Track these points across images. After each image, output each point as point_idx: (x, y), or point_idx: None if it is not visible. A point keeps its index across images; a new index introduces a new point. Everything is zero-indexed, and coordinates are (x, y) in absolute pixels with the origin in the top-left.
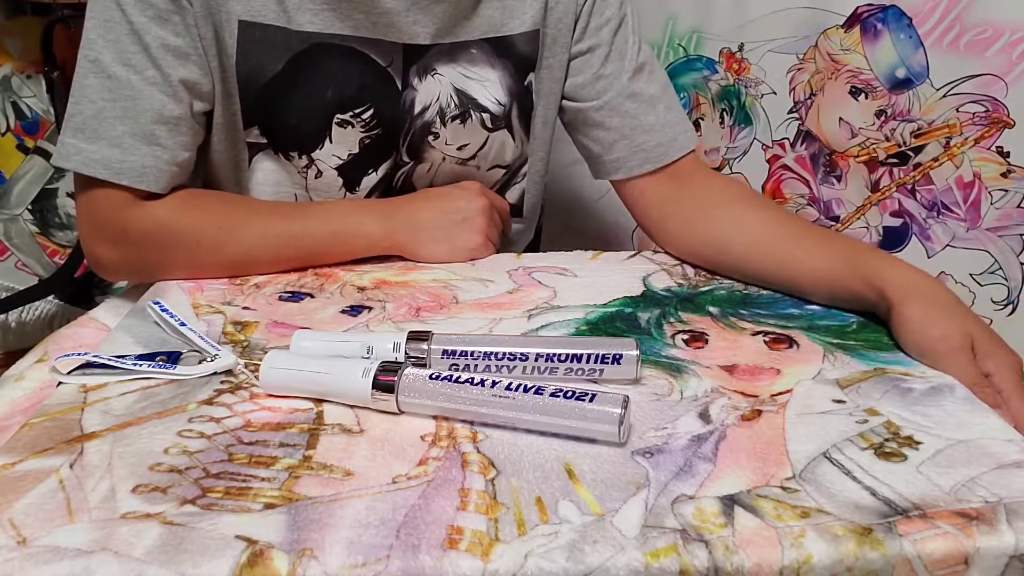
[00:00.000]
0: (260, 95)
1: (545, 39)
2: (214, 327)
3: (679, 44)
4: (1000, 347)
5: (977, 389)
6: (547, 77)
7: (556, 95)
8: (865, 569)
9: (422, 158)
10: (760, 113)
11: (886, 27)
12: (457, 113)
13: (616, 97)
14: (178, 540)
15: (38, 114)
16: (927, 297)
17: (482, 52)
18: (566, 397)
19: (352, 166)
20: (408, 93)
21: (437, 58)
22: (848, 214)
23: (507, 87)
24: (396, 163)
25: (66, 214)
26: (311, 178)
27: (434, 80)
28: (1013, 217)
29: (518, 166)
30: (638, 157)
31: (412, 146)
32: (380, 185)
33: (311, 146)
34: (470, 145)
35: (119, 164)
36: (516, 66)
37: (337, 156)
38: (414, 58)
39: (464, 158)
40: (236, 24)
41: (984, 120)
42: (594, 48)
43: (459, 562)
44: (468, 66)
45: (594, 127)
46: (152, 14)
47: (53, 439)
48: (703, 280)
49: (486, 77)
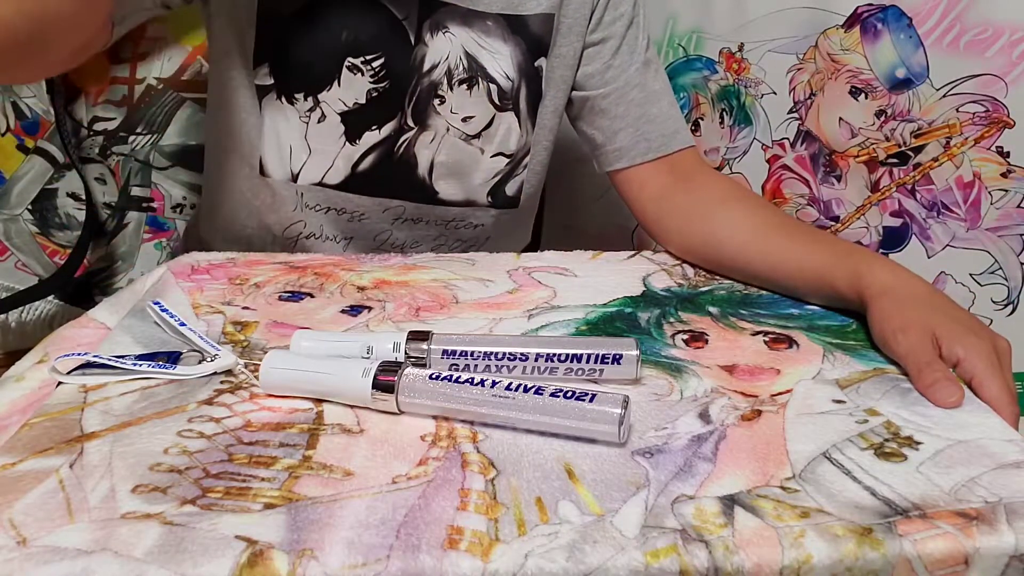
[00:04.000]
0: (277, 30)
1: (560, 26)
2: (214, 327)
3: (679, 44)
4: (969, 334)
5: (923, 371)
6: (559, 65)
7: (568, 84)
8: (865, 569)
9: (426, 124)
10: (760, 113)
11: (886, 27)
12: (465, 77)
13: (624, 86)
14: (178, 540)
15: (38, 114)
16: (897, 293)
17: (497, 26)
18: (566, 397)
19: (356, 116)
20: (420, 49)
21: (452, 16)
22: (848, 214)
23: (517, 64)
24: (400, 126)
25: (66, 214)
26: (313, 122)
27: (445, 38)
28: (1013, 217)
29: (521, 156)
30: (641, 146)
31: (418, 107)
32: (380, 147)
33: (319, 87)
34: (475, 119)
35: None
36: (528, 46)
37: (343, 101)
38: (429, 11)
39: (469, 134)
40: None
41: (984, 120)
42: (606, 40)
43: (459, 562)
44: (482, 35)
45: (599, 115)
46: None
47: (53, 439)
48: (703, 280)
49: (498, 50)
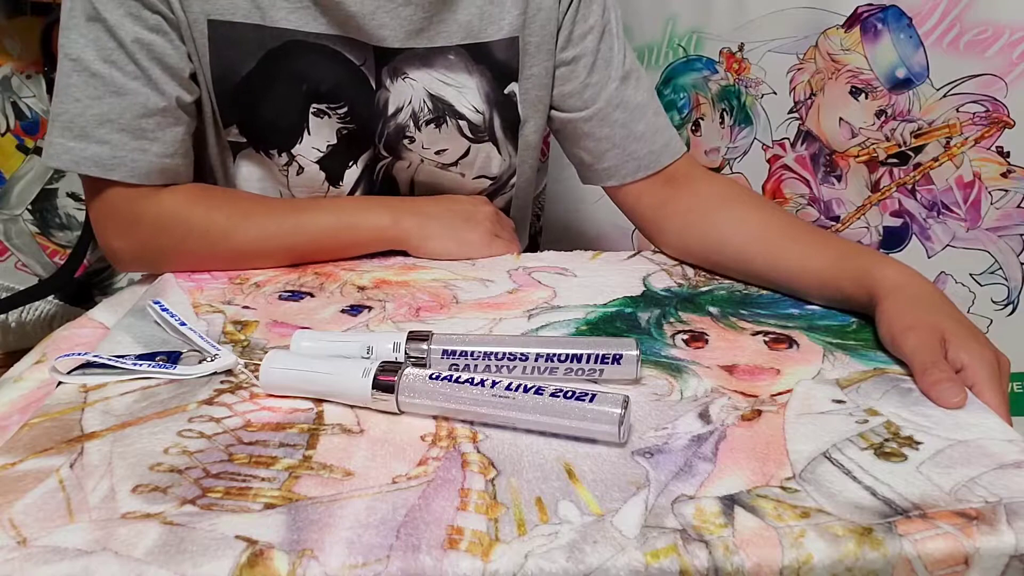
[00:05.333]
0: (235, 93)
1: (527, 47)
2: (214, 326)
3: (679, 44)
4: (976, 342)
5: (929, 370)
6: (533, 86)
7: (544, 103)
8: (865, 569)
9: (400, 156)
10: (760, 113)
11: (886, 27)
12: (431, 118)
13: (605, 107)
14: (178, 540)
15: (38, 114)
16: (907, 293)
17: (459, 58)
18: (566, 397)
19: (332, 158)
20: (381, 93)
21: (409, 62)
22: (848, 214)
23: (485, 95)
24: (375, 155)
25: (66, 214)
26: (292, 175)
27: (406, 84)
28: (1013, 217)
29: (507, 178)
30: (630, 165)
31: (388, 144)
32: (362, 179)
33: (290, 142)
34: (449, 151)
35: (109, 161)
36: (494, 73)
37: (316, 148)
38: (385, 59)
39: (444, 163)
40: (206, 23)
41: (984, 120)
42: (579, 57)
43: (459, 562)
44: (445, 72)
45: (584, 137)
46: (124, 12)
47: (53, 439)
48: (703, 280)
49: (463, 83)
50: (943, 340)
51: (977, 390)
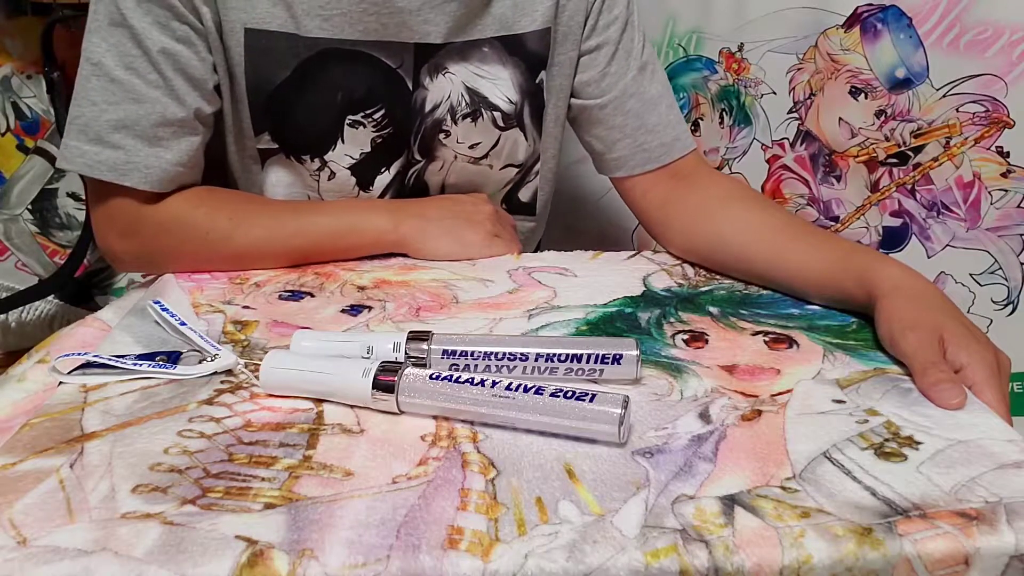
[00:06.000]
0: (269, 101)
1: (556, 36)
2: (214, 326)
3: (679, 44)
4: (975, 342)
5: (928, 371)
6: (558, 74)
7: (566, 91)
8: (865, 569)
9: (434, 156)
10: (760, 113)
11: (886, 27)
12: (468, 111)
13: (620, 96)
14: (178, 540)
15: (38, 114)
16: (907, 292)
17: (493, 50)
18: (566, 397)
19: (365, 165)
20: (419, 93)
21: (449, 56)
22: (848, 214)
23: (518, 85)
24: (408, 161)
25: (66, 214)
26: (324, 180)
27: (445, 79)
28: (1013, 217)
29: (531, 164)
30: (640, 156)
31: (424, 143)
32: (393, 184)
33: (323, 148)
34: (482, 144)
35: (124, 166)
36: (527, 64)
37: (350, 156)
38: (426, 57)
39: (476, 157)
40: (242, 32)
41: (984, 120)
42: (602, 46)
43: (459, 562)
44: (480, 64)
45: (597, 124)
46: (151, 20)
47: (53, 439)
48: (703, 280)
49: (497, 75)
50: (942, 340)
51: (976, 390)
